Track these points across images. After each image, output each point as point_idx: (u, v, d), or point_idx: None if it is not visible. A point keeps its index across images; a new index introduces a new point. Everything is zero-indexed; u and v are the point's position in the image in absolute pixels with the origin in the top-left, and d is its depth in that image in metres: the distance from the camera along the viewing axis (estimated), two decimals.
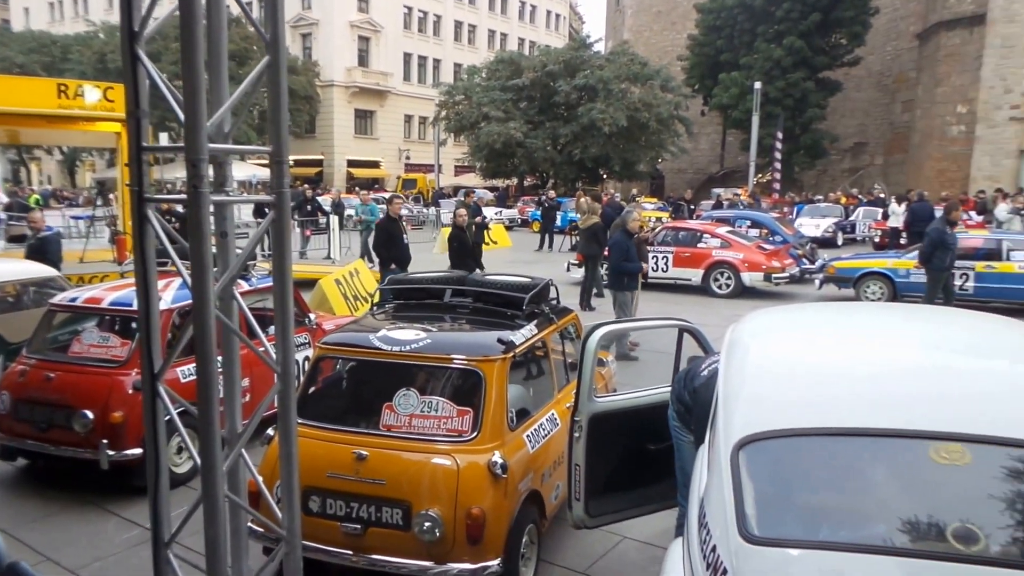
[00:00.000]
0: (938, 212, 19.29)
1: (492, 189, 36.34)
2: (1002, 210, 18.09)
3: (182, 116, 1.87)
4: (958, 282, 11.77)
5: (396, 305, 4.85)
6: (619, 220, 10.32)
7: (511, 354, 3.90)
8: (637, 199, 27.42)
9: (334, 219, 18.28)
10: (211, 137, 1.92)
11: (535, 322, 4.43)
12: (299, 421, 3.80)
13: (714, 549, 2.27)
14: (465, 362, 3.85)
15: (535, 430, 4.09)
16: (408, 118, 50.94)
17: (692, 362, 3.71)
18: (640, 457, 3.95)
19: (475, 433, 3.66)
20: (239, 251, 2.28)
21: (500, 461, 3.57)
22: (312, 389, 4.22)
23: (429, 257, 18.21)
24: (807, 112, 36.20)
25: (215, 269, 2.09)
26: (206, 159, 1.88)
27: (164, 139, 28.78)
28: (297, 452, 2.36)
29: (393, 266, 9.75)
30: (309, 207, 19.15)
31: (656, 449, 3.87)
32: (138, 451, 4.87)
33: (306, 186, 23.12)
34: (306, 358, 6.14)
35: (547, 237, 21.79)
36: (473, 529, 3.46)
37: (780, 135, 31.21)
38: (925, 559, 2.04)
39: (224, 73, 2.13)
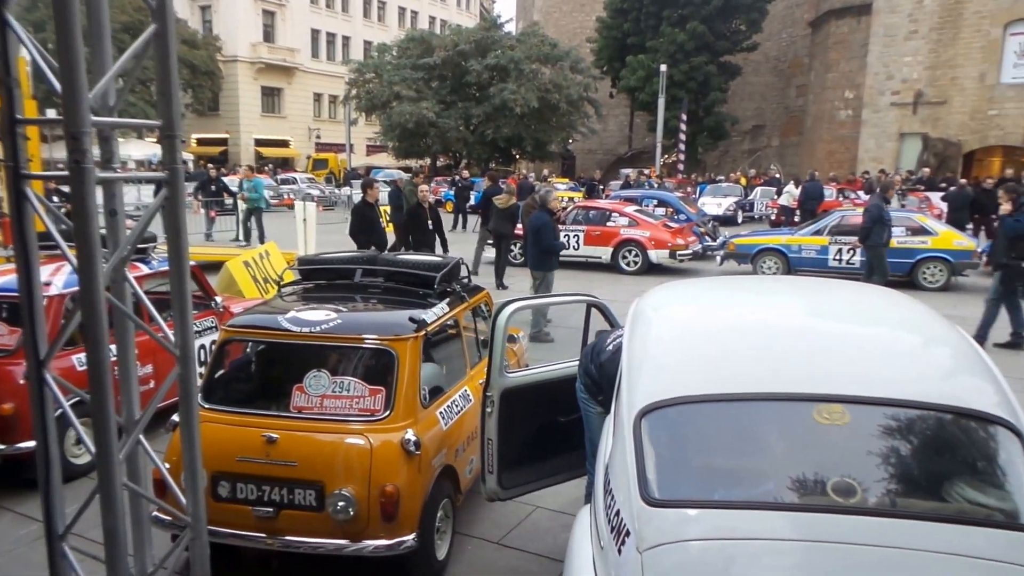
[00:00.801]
0: (828, 191, 20.48)
1: (406, 169, 35.85)
2: None
3: (58, 86, 1.77)
4: (845, 256, 12.52)
5: (306, 286, 4.77)
6: (531, 200, 10.42)
7: (423, 332, 3.91)
8: (549, 179, 27.72)
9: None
10: (95, 110, 1.83)
11: (447, 300, 4.45)
12: (206, 406, 3.74)
13: (618, 513, 2.37)
14: (377, 342, 3.83)
15: (448, 407, 4.12)
16: (318, 96, 49.52)
17: (599, 336, 3.82)
18: (551, 429, 4.04)
19: (388, 412, 3.66)
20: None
21: (413, 438, 3.59)
22: (219, 373, 4.12)
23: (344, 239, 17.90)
24: (710, 95, 37.34)
25: (105, 250, 2.00)
26: (88, 132, 1.79)
27: (52, 115, 26.97)
28: (199, 437, 2.30)
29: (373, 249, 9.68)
30: (214, 187, 18.41)
31: (566, 421, 3.97)
32: (32, 444, 4.61)
33: (210, 166, 22.18)
34: (213, 342, 5.96)
35: (460, 217, 21.76)
36: (387, 506, 3.47)
37: (684, 117, 32.13)
38: (808, 512, 2.19)
39: (106, 41, 2.03)
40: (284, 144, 46.70)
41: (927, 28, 28.49)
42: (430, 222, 10.25)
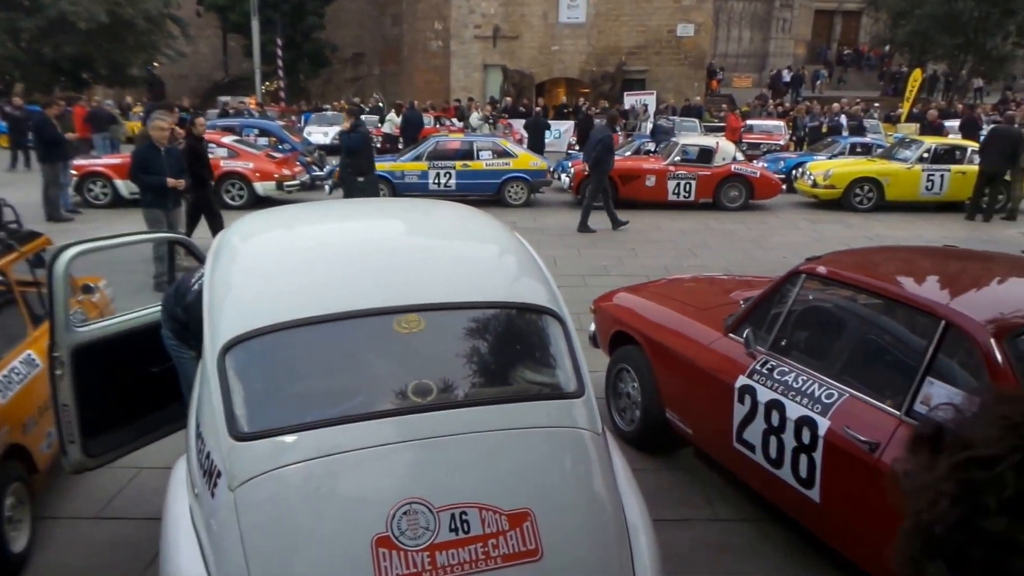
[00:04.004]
0: (427, 119, 21.67)
1: None
2: (475, 117, 21.07)
3: None
4: (443, 179, 13.50)
5: None
6: (144, 130, 9.17)
7: None
8: (133, 108, 24.59)
9: None
10: None
11: None
12: None
13: (208, 455, 2.28)
14: None
15: (6, 377, 3.51)
16: None
17: (183, 276, 3.54)
18: (144, 382, 3.69)
19: None
20: None
21: None
22: None
23: None
24: (306, 20, 36.27)
25: None
26: None
27: None
28: None
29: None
30: None
31: (161, 371, 3.66)
32: None
33: None
34: None
35: (19, 153, 18.27)
36: None
37: (280, 42, 30.81)
38: (395, 416, 2.35)
39: None
40: None
41: None
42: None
